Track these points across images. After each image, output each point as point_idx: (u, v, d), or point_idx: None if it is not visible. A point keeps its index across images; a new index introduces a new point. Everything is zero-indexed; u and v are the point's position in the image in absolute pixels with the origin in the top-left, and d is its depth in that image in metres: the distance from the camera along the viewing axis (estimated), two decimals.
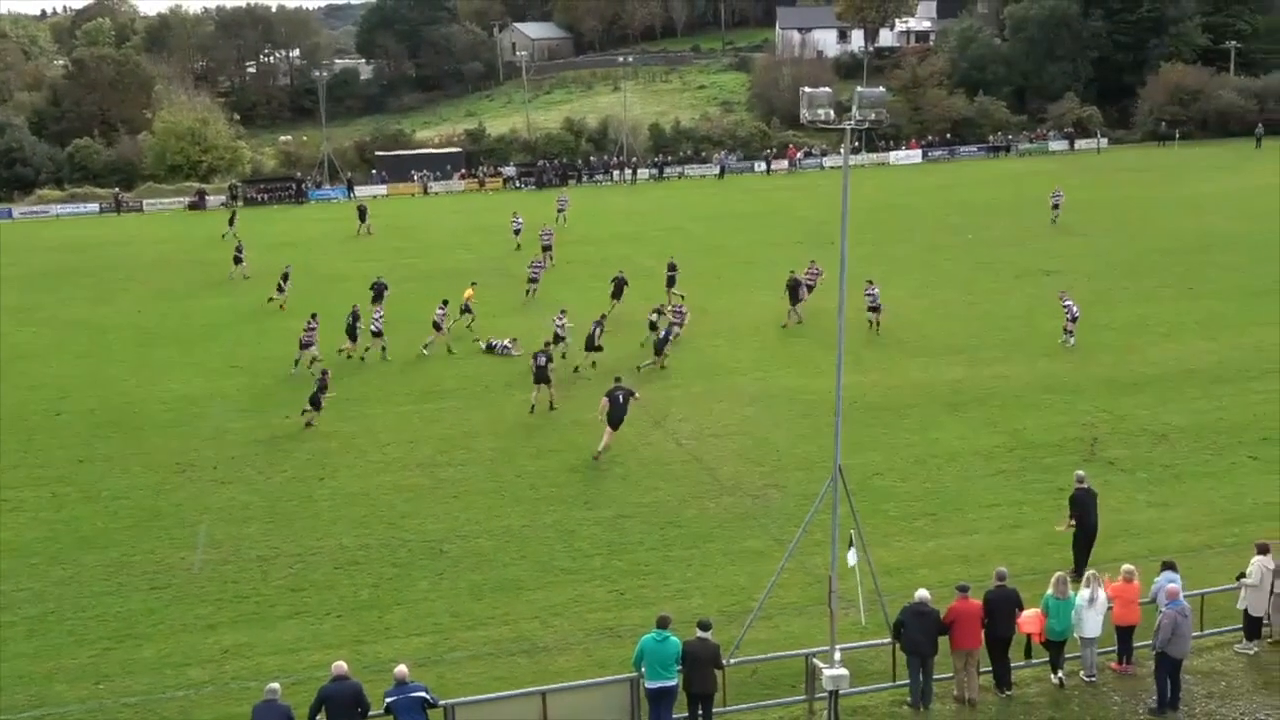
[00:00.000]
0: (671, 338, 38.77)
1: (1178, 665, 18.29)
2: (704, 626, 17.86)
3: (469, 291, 44.73)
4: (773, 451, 30.26)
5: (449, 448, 31.41)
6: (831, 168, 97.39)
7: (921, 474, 28.46)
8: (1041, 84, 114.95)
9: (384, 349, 40.40)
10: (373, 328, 40.32)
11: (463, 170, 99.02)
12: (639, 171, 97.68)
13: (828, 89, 18.84)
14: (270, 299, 49.35)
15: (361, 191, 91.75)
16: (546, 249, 55.53)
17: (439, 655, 20.73)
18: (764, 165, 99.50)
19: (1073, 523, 22.63)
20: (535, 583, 23.39)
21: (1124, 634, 19.30)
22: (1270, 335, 39.20)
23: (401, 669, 16.84)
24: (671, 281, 46.04)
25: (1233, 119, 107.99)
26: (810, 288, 44.09)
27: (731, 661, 18.52)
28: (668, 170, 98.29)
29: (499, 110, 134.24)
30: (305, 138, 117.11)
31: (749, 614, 20.01)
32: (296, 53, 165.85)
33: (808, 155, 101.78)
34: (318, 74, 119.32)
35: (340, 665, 16.91)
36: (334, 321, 40.83)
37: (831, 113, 18.47)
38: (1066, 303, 39.05)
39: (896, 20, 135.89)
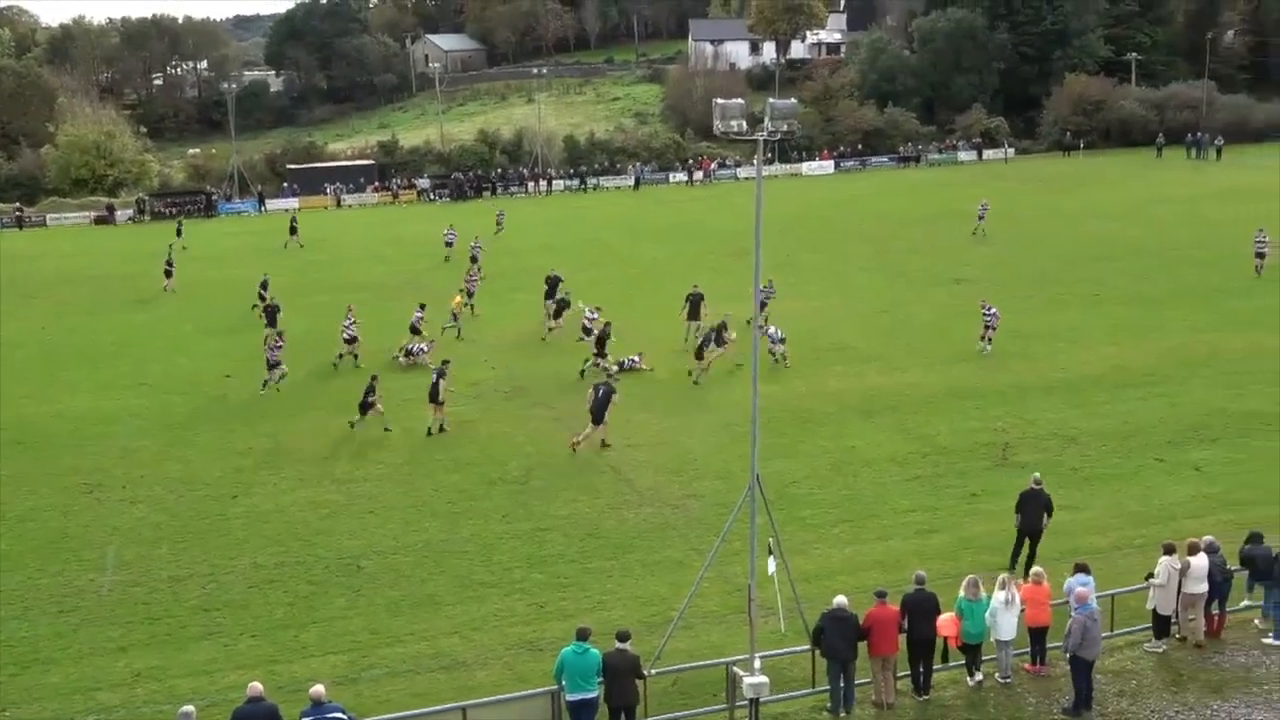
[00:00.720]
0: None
1: (1090, 666, 18.64)
2: (622, 638, 17.86)
3: (457, 299, 45.07)
4: (691, 461, 30.36)
5: (365, 463, 31.07)
6: (745, 178, 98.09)
7: (838, 481, 28.71)
8: (950, 95, 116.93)
9: (282, 378, 38.11)
10: (269, 357, 38.25)
11: (376, 183, 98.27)
12: (554, 183, 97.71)
13: (740, 100, 18.97)
14: (253, 306, 48.52)
15: (273, 205, 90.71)
16: (475, 260, 55.46)
17: (357, 673, 20.47)
18: (685, 176, 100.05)
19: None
20: (454, 598, 23.20)
21: (1037, 635, 19.61)
22: (1172, 340, 40.17)
23: (318, 688, 16.61)
24: (551, 293, 45.77)
25: (1134, 128, 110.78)
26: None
27: (652, 672, 18.51)
28: (585, 181, 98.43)
29: (412, 122, 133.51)
30: (214, 151, 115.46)
31: (669, 624, 20.03)
32: (204, 64, 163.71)
33: (722, 166, 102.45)
34: (226, 86, 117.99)
35: (256, 686, 16.63)
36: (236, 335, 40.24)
37: (744, 124, 18.60)
38: (990, 310, 39.49)
39: (807, 32, 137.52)
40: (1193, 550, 20.24)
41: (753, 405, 19.17)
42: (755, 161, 20.61)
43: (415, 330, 41.32)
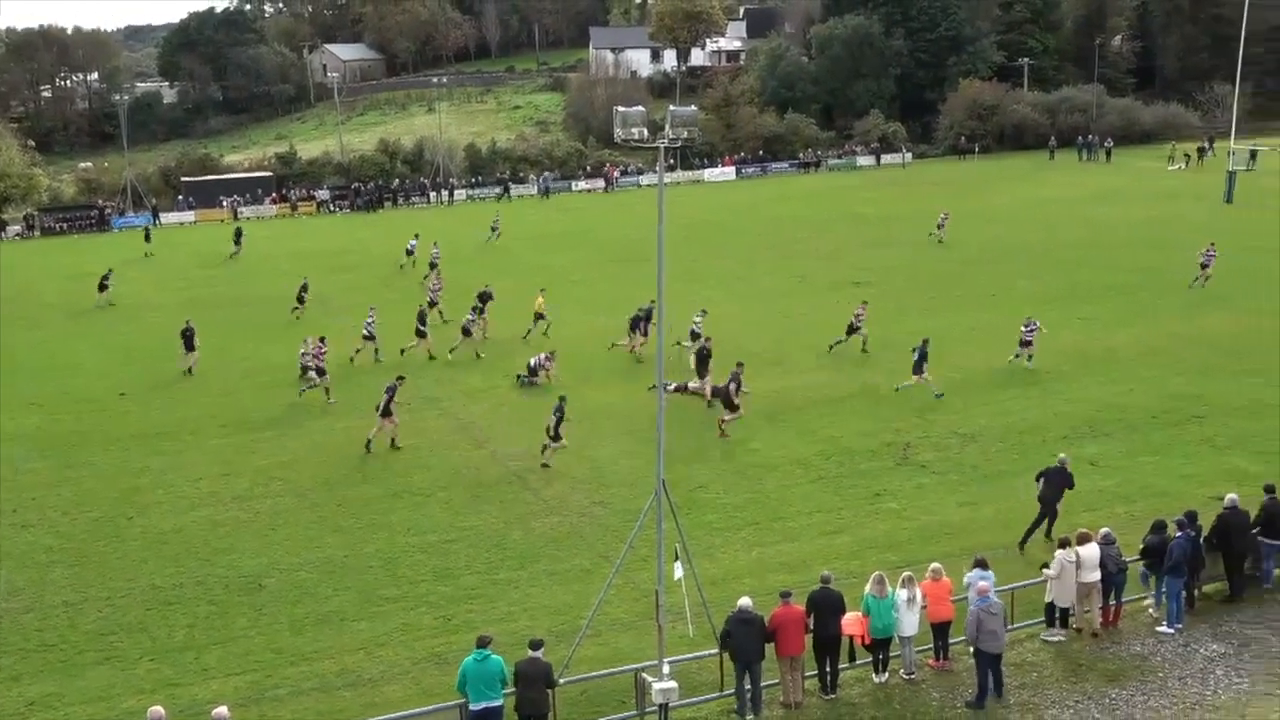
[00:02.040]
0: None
1: (995, 659, 18.99)
2: (535, 646, 17.85)
3: (540, 299, 44.80)
4: (597, 469, 30.37)
5: (266, 479, 30.61)
6: (648, 185, 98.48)
7: (743, 485, 28.91)
8: (848, 101, 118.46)
9: (311, 386, 37.96)
10: (310, 363, 38.28)
11: (274, 194, 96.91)
12: (456, 193, 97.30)
13: (641, 108, 19.07)
14: (293, 309, 48.91)
15: (168, 219, 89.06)
16: (434, 266, 55.87)
17: (261, 694, 20.15)
18: (602, 183, 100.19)
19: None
20: (359, 613, 22.95)
21: (939, 631, 19.95)
22: (1066, 339, 41.06)
23: (221, 710, 16.33)
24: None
25: (1027, 132, 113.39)
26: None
27: (562, 680, 18.49)
28: (486, 190, 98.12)
29: (311, 133, 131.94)
30: (106, 164, 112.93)
31: (578, 632, 20.02)
32: (95, 76, 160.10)
33: (624, 174, 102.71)
34: (118, 98, 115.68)
35: (157, 710, 16.31)
36: (130, 353, 39.43)
37: (645, 131, 18.70)
38: (1031, 326, 38.06)
39: (708, 40, 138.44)
40: (1083, 540, 20.75)
41: (658, 411, 19.23)
42: (657, 168, 20.71)
43: (369, 336, 41.68)
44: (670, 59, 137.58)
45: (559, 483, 29.49)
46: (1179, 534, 20.93)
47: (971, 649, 19.26)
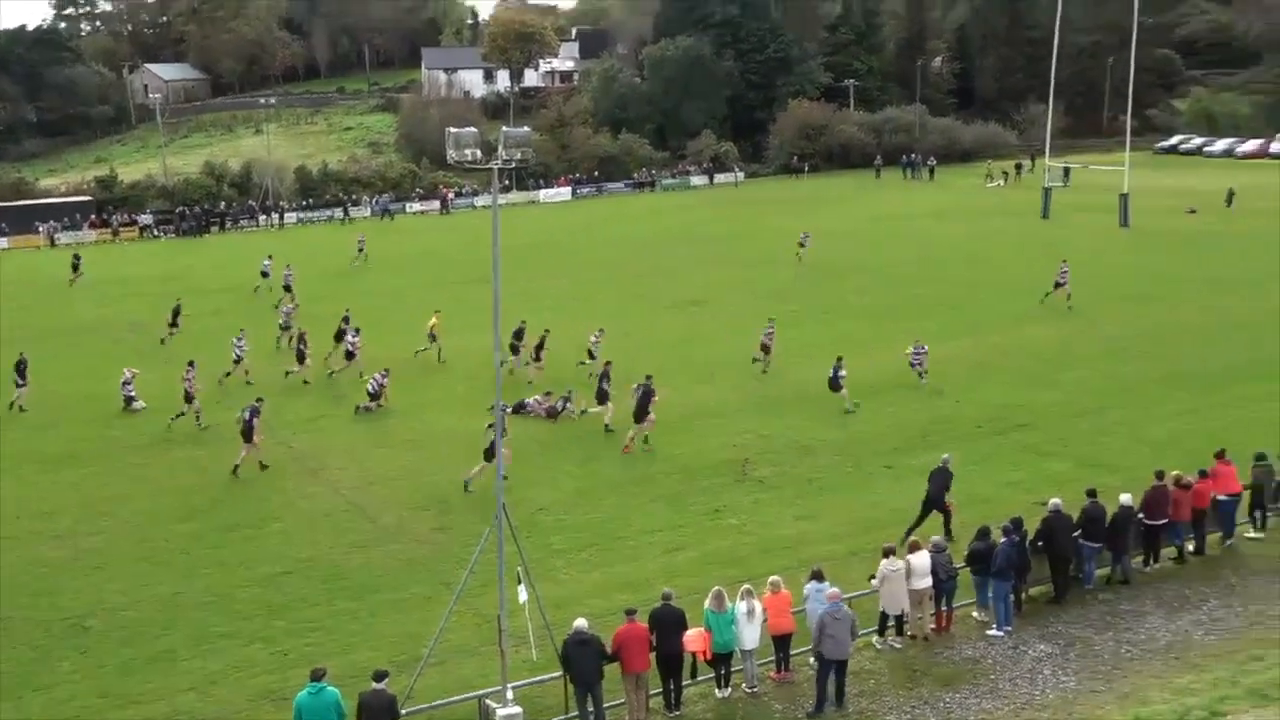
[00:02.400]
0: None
1: (839, 667, 19.38)
2: (378, 677, 17.52)
3: (434, 319, 44.23)
4: (437, 495, 30.03)
5: (91, 515, 29.44)
6: (483, 207, 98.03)
7: (585, 506, 28.93)
8: (681, 121, 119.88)
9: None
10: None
11: (94, 219, 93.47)
12: (286, 216, 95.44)
13: (474, 129, 19.03)
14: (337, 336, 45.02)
15: None
16: (288, 289, 55.12)
17: None
18: (438, 204, 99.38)
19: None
20: (191, 652, 22.21)
21: (780, 643, 20.24)
22: (897, 353, 42.17)
23: None
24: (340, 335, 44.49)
25: (854, 151, 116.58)
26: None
27: (406, 711, 18.19)
28: (317, 213, 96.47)
29: (132, 155, 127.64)
30: None
31: (420, 661, 19.75)
32: None
33: (460, 195, 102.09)
34: None
35: None
36: None
37: (479, 152, 18.64)
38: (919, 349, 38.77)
39: (540, 61, 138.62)
40: (914, 548, 21.35)
41: (496, 434, 19.12)
42: (492, 189, 20.66)
43: (238, 360, 41.37)
44: (503, 79, 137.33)
45: (398, 510, 29.08)
46: (1004, 539, 21.65)
47: (813, 658, 19.67)
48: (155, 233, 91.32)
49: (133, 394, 38.58)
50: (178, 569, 26.05)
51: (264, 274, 60.48)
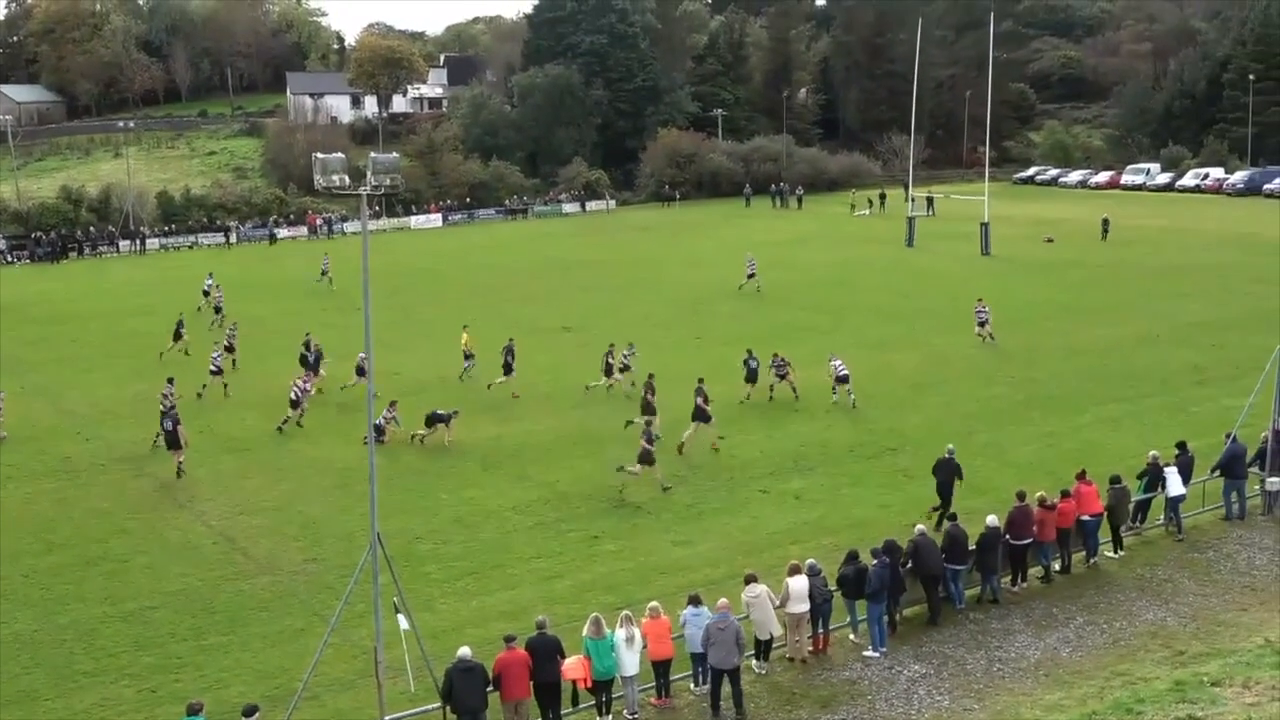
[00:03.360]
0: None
1: (732, 676, 19.71)
2: (249, 712, 17.14)
3: (465, 336, 44.65)
4: (309, 525, 29.47)
5: None
6: (353, 233, 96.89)
7: (462, 534, 28.67)
8: (551, 149, 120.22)
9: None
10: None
11: None
12: (148, 241, 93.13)
13: (341, 155, 18.87)
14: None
15: None
16: (219, 311, 55.34)
17: None
18: (305, 230, 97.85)
19: None
20: (53, 691, 21.38)
21: (660, 669, 20.28)
22: (769, 377, 42.74)
23: None
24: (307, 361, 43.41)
25: (723, 180, 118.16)
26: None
27: None
28: (180, 238, 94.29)
29: None
30: None
31: (294, 695, 19.32)
32: None
33: (329, 221, 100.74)
34: None
35: None
36: None
37: (346, 178, 18.46)
38: (835, 363, 39.45)
39: (409, 87, 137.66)
40: (793, 572, 21.59)
41: (370, 463, 18.89)
42: (361, 216, 20.44)
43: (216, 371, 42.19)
44: (371, 105, 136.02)
45: (270, 540, 28.45)
46: (875, 562, 22.05)
47: (697, 667, 20.16)
48: (9, 259, 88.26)
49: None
50: (36, 605, 25.09)
51: (205, 293, 60.39)
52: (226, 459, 35.23)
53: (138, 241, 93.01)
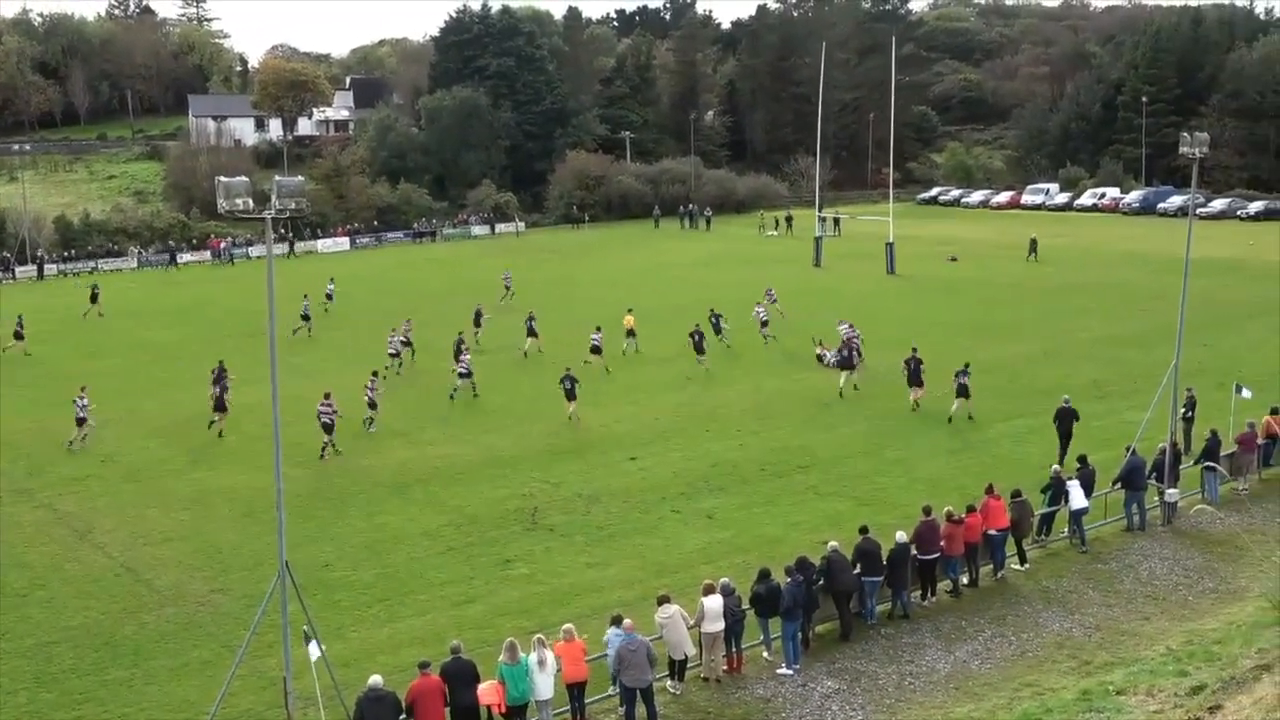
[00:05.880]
0: None
1: (645, 694, 19.79)
2: None
3: (629, 318, 50.42)
4: (215, 554, 28.91)
5: None
6: (258, 257, 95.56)
7: (372, 560, 28.31)
8: (460, 171, 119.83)
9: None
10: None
11: None
12: (46, 267, 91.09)
13: (245, 178, 18.64)
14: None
15: None
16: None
17: None
18: (209, 254, 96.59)
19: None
20: None
21: (575, 692, 20.17)
22: (679, 397, 42.97)
23: None
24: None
25: (633, 201, 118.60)
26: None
27: None
28: (79, 264, 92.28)
29: None
30: None
31: None
32: None
33: (236, 245, 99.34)
34: None
35: None
36: None
37: (250, 202, 18.23)
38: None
39: (314, 110, 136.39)
40: (708, 591, 21.61)
41: (277, 489, 18.60)
42: (266, 240, 20.20)
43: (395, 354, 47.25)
44: (276, 128, 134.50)
45: (174, 571, 27.85)
46: (789, 579, 22.17)
47: (616, 687, 20.07)
48: None
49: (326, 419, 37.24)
50: None
51: (328, 296, 66.15)
52: (127, 488, 34.46)
53: (36, 267, 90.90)
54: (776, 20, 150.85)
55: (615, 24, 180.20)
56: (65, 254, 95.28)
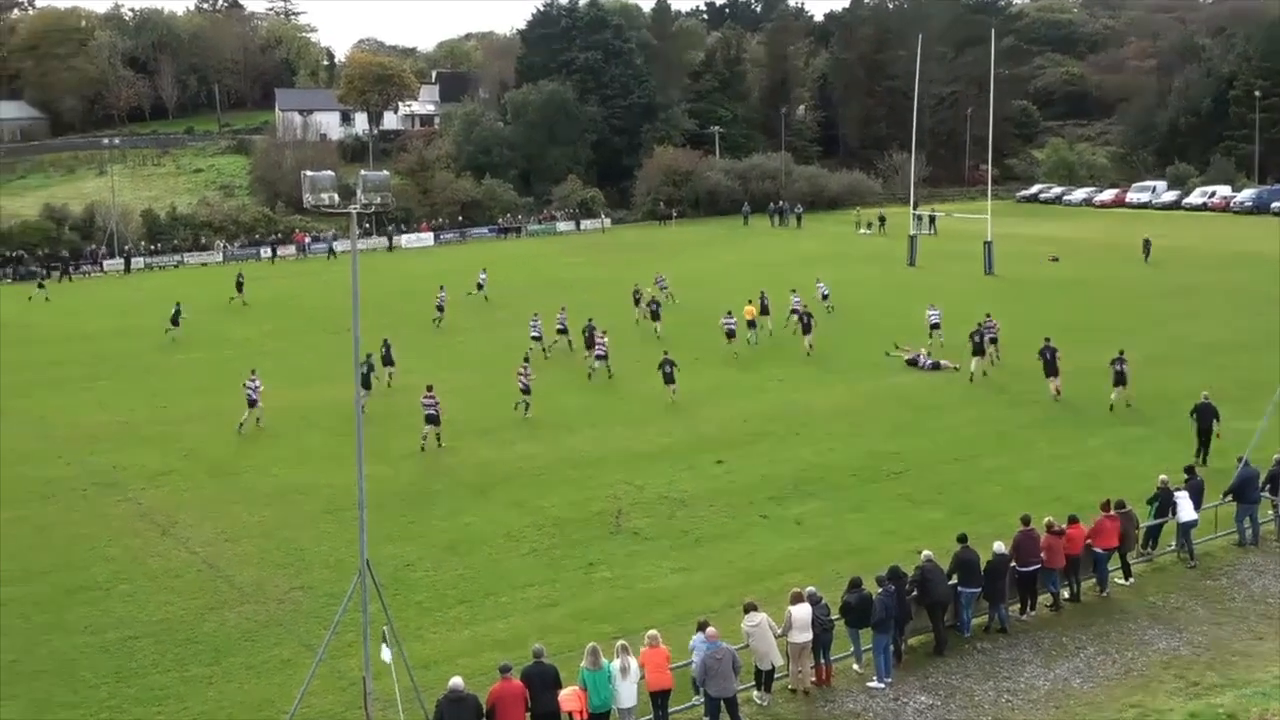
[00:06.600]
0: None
1: (729, 704, 19.53)
2: None
3: (750, 309, 53.56)
4: (296, 552, 29.24)
5: None
6: (342, 252, 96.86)
7: (453, 561, 28.44)
8: (545, 166, 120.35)
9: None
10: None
11: None
12: (134, 260, 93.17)
13: (330, 172, 18.78)
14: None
15: None
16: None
17: None
18: (294, 249, 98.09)
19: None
20: None
21: (659, 700, 20.03)
22: (769, 400, 42.63)
23: None
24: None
25: (721, 198, 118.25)
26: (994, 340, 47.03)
27: None
28: (165, 258, 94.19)
29: None
30: None
31: None
32: None
33: (316, 240, 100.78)
34: None
35: None
36: None
37: (336, 196, 18.35)
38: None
39: (400, 104, 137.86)
40: (795, 600, 21.34)
41: (359, 488, 18.70)
42: (350, 235, 20.32)
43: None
44: (361, 122, 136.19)
45: (255, 568, 28.21)
46: (881, 590, 21.83)
47: (700, 696, 19.84)
48: None
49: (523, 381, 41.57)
50: (16, 635, 24.81)
51: (479, 286, 68.89)
52: (209, 484, 35.00)
53: (123, 260, 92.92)
54: (871, 12, 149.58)
55: (705, 17, 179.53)
56: (151, 247, 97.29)
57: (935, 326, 51.17)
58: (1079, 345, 47.28)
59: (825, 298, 61.32)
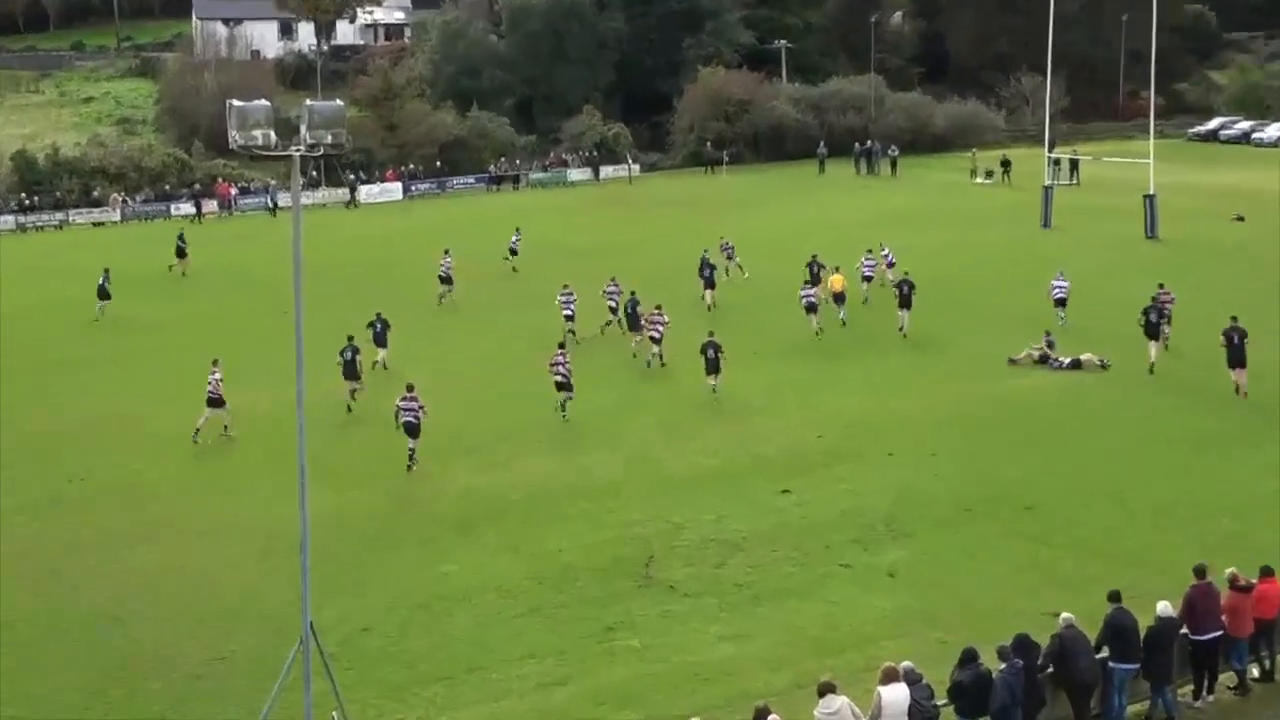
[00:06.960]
0: None
1: None
2: None
3: (836, 278, 55.12)
4: (222, 607, 29.38)
5: None
6: (283, 209, 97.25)
7: (427, 623, 28.53)
8: (553, 94, 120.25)
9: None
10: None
11: None
12: (2, 217, 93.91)
13: (265, 102, 18.82)
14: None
15: None
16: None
17: None
18: (215, 205, 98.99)
19: None
20: None
21: None
22: (852, 404, 42.52)
23: None
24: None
25: (789, 136, 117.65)
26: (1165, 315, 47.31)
27: None
28: (44, 215, 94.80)
29: None
30: None
31: None
32: None
33: (245, 192, 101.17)
34: None
35: None
36: None
37: (273, 134, 18.38)
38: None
39: (359, 11, 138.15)
40: (888, 678, 21.22)
41: (302, 526, 18.73)
42: (292, 186, 20.36)
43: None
44: (307, 35, 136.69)
45: (167, 627, 28.35)
46: (1004, 666, 21.73)
47: None
48: None
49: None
50: None
51: (512, 250, 70.82)
52: (119, 516, 35.17)
53: None
54: None
55: None
56: (26, 201, 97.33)
57: (1060, 303, 51.64)
58: (1270, 334, 47.00)
59: (891, 266, 60.31)
